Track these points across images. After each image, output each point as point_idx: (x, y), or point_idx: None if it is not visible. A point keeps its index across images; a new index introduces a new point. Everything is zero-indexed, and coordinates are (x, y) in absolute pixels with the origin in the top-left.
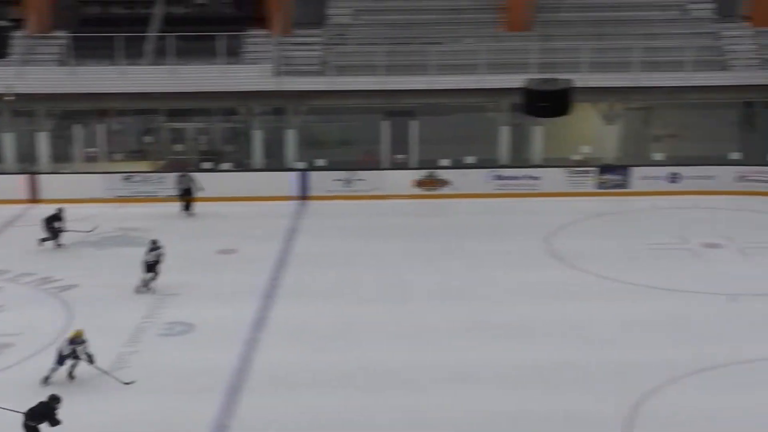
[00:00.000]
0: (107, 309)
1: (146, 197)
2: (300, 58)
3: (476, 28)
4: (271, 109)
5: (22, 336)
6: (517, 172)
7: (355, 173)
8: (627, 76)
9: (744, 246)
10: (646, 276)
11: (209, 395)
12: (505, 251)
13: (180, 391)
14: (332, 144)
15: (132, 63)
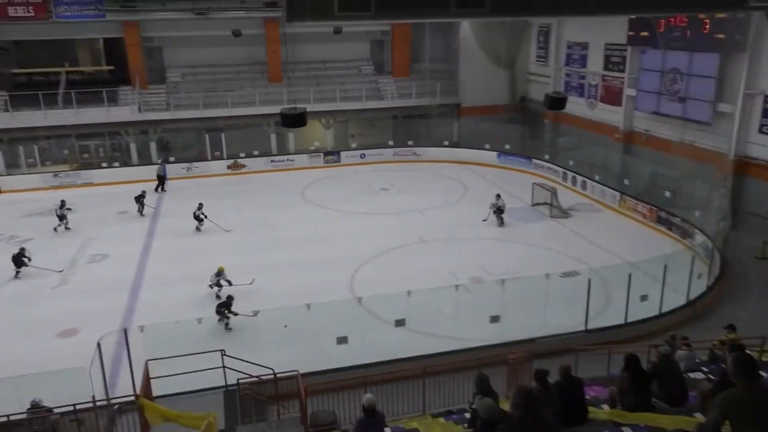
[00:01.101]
0: (55, 248)
1: (69, 185)
2: (153, 101)
3: (252, 80)
4: (139, 131)
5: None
6: (282, 158)
7: (193, 164)
8: (333, 104)
9: (401, 189)
10: (355, 207)
11: (121, 292)
12: (278, 201)
13: (103, 291)
14: (178, 148)
15: (50, 108)
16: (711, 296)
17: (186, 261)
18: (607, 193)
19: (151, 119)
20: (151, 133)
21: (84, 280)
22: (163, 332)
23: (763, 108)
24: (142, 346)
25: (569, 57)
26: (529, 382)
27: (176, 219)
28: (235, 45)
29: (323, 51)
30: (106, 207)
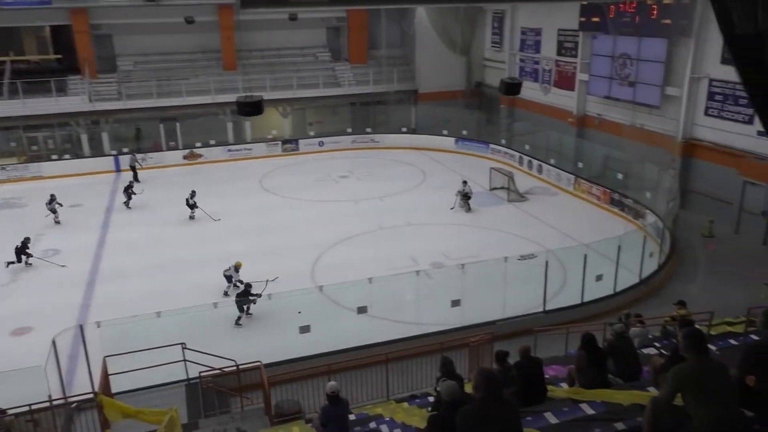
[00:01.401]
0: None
1: (17, 179)
2: (104, 91)
3: (206, 68)
4: (90, 121)
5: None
6: (239, 147)
7: (147, 154)
8: (290, 92)
9: (360, 176)
10: (314, 195)
11: (76, 288)
12: (238, 188)
13: (57, 287)
14: (132, 138)
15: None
16: (662, 274)
17: (143, 254)
18: (562, 177)
19: (102, 109)
20: (102, 123)
21: (36, 276)
22: (121, 327)
23: (708, 91)
24: (99, 342)
25: (523, 43)
26: (490, 364)
27: (131, 211)
28: (189, 32)
29: (278, 38)
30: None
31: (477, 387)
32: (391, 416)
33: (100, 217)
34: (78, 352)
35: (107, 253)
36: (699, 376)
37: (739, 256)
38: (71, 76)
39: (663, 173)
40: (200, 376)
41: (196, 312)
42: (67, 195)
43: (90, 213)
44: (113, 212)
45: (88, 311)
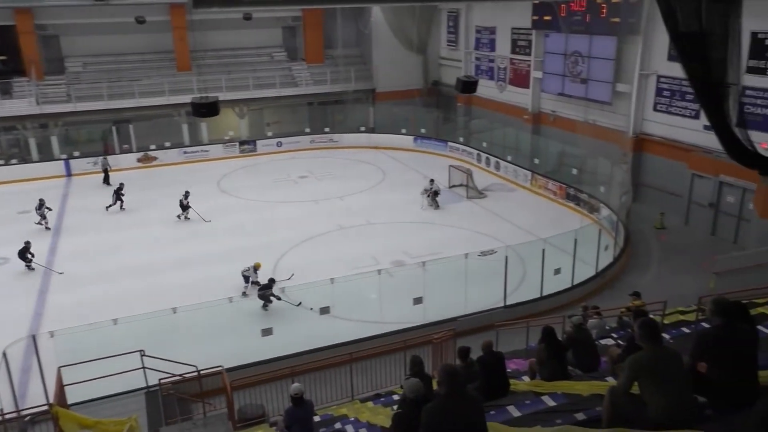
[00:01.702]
0: None
1: None
2: (52, 93)
3: (159, 69)
4: (38, 125)
5: None
6: (195, 148)
7: (99, 158)
8: (246, 92)
9: (320, 176)
10: (274, 196)
11: (27, 297)
12: (193, 192)
13: (7, 296)
14: (83, 141)
15: None
16: (617, 266)
17: (97, 260)
18: (519, 173)
19: (50, 112)
20: (51, 126)
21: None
22: (76, 336)
23: (656, 87)
24: (54, 352)
25: (478, 41)
26: (453, 361)
27: (84, 215)
28: (140, 32)
29: (233, 38)
30: (5, 207)
31: (440, 383)
32: (356, 416)
33: (51, 223)
34: (31, 363)
35: (59, 260)
36: (654, 364)
37: (689, 246)
38: (17, 78)
39: (616, 168)
40: (160, 384)
41: (155, 318)
42: (15, 202)
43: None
44: (65, 218)
45: (40, 320)
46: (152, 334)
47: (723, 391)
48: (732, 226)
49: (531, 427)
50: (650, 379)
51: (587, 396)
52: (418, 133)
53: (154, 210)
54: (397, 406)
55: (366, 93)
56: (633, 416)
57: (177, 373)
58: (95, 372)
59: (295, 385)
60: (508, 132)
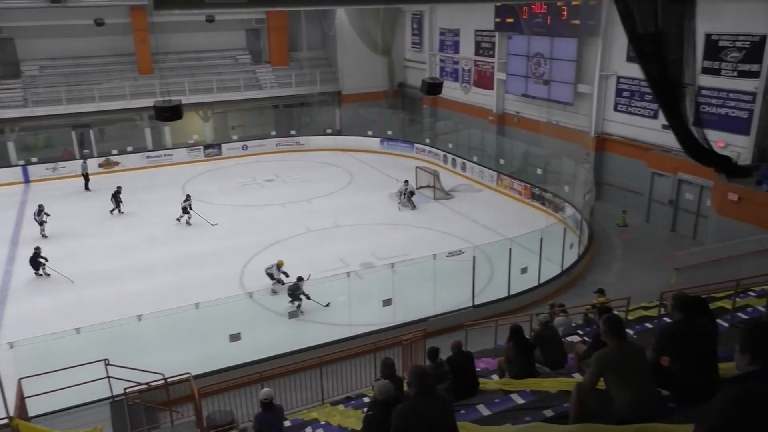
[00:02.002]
0: None
1: None
2: (7, 98)
3: (120, 72)
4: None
5: None
6: (159, 153)
7: (59, 164)
8: (210, 95)
9: (286, 180)
10: (240, 200)
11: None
12: (156, 198)
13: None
14: (41, 147)
15: None
16: (582, 264)
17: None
18: (485, 174)
19: (6, 117)
20: (7, 132)
21: None
22: (37, 347)
23: (616, 88)
24: (13, 363)
25: (443, 43)
26: (423, 361)
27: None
28: (100, 35)
29: (196, 40)
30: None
31: (410, 384)
32: (327, 420)
33: (9, 232)
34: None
35: (18, 270)
36: (619, 359)
37: (651, 243)
38: None
39: (579, 167)
40: (126, 393)
41: (119, 326)
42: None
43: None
44: (23, 223)
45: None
46: (117, 342)
47: (684, 384)
48: (691, 222)
49: (500, 425)
50: (615, 374)
51: (555, 393)
52: (385, 135)
53: (115, 217)
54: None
55: (332, 95)
56: (599, 411)
57: (143, 382)
58: (58, 383)
59: (264, 390)
60: (474, 133)
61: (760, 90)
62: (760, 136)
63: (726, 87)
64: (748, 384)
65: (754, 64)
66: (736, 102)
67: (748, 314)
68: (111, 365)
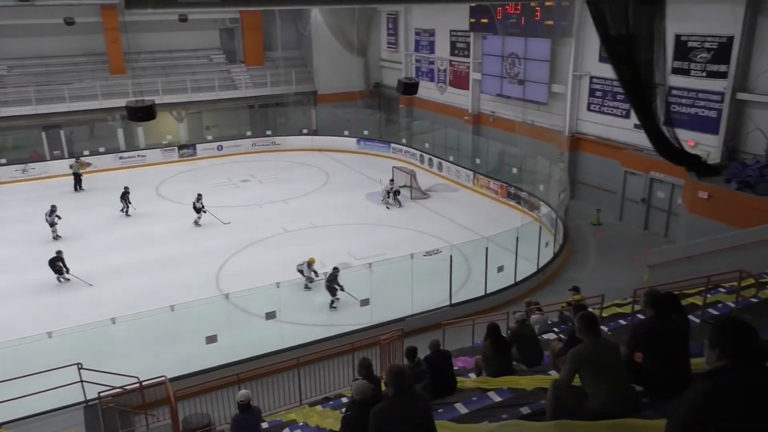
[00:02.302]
0: None
1: None
2: None
3: (92, 72)
4: None
5: None
6: (131, 154)
7: (28, 165)
8: (184, 95)
9: (262, 180)
10: (215, 201)
11: None
12: (132, 197)
13: None
14: (9, 148)
15: None
16: (557, 262)
17: (26, 271)
18: (461, 173)
19: None
20: None
21: None
22: (8, 351)
23: (589, 88)
24: None
25: (418, 43)
26: (401, 361)
27: (11, 225)
28: (70, 34)
29: (169, 40)
30: None
31: (387, 384)
32: (305, 421)
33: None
34: None
35: None
36: (593, 356)
37: (624, 241)
38: None
39: (553, 166)
40: (100, 397)
41: (93, 330)
42: None
43: None
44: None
45: None
46: (90, 346)
47: (657, 379)
48: (663, 220)
49: (478, 423)
50: (590, 371)
51: (531, 390)
52: (361, 135)
53: (88, 217)
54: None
55: (307, 95)
56: (575, 408)
57: (118, 386)
58: (29, 388)
59: (241, 392)
60: (450, 133)
61: (728, 90)
62: (729, 136)
63: (695, 87)
64: (717, 379)
65: (722, 65)
66: (706, 102)
67: (719, 310)
68: (84, 369)
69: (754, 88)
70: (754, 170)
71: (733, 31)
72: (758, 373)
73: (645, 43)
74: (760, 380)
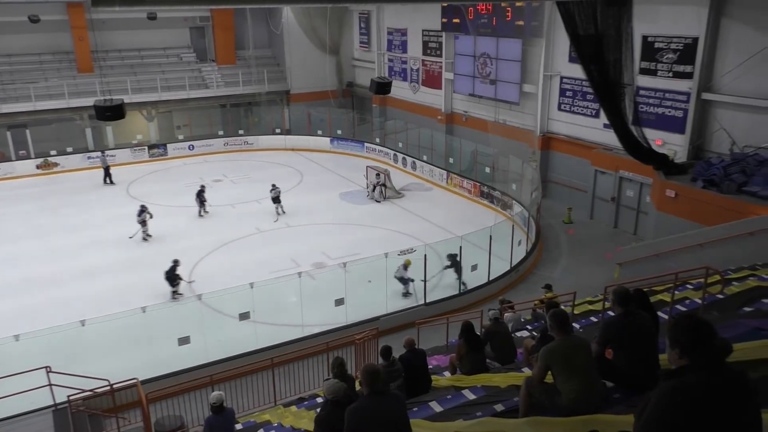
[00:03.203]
0: None
1: None
2: None
3: (58, 71)
4: None
5: None
6: (100, 153)
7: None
8: (154, 94)
9: (235, 180)
10: (187, 201)
11: None
12: (98, 199)
13: None
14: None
15: None
16: (530, 260)
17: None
18: (435, 172)
19: None
20: None
21: None
22: None
23: (560, 88)
24: None
25: (390, 43)
26: (377, 360)
27: None
28: (35, 32)
29: (138, 38)
30: None
31: (362, 383)
32: (280, 421)
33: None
34: None
35: None
36: (565, 353)
37: (595, 239)
38: None
39: (526, 165)
40: (69, 401)
41: (61, 332)
42: None
43: None
44: None
45: None
46: (59, 349)
47: (628, 375)
48: (632, 218)
49: (453, 421)
50: (562, 367)
51: (505, 387)
52: (335, 135)
53: (54, 219)
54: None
55: (280, 94)
56: (548, 404)
57: (88, 389)
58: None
59: (214, 393)
60: (423, 132)
61: (693, 90)
62: (695, 135)
63: (662, 87)
64: (680, 379)
65: (687, 65)
66: (672, 102)
67: (686, 306)
68: (53, 372)
69: (719, 88)
70: (719, 169)
71: (697, 32)
72: (718, 373)
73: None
74: (720, 380)
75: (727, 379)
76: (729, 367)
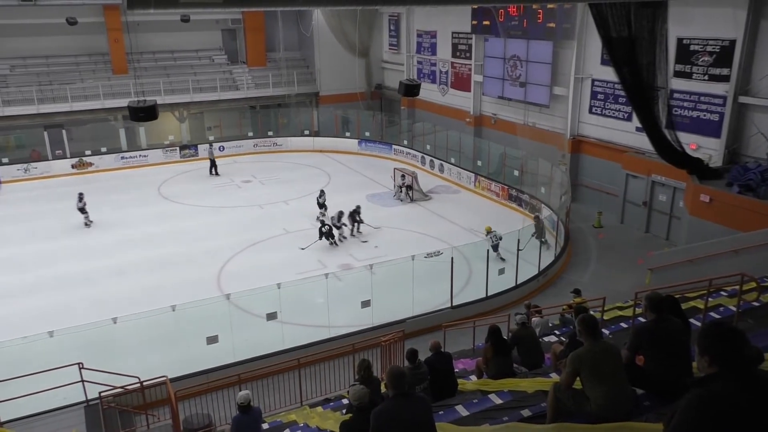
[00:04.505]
0: None
1: None
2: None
3: (94, 72)
4: None
5: None
6: (133, 154)
7: (30, 164)
8: (186, 96)
9: (264, 180)
10: (217, 201)
11: None
12: (134, 197)
13: None
14: (12, 148)
15: None
16: (558, 265)
17: (28, 270)
18: (463, 175)
19: None
20: None
21: None
22: (9, 350)
23: (591, 90)
24: None
25: (420, 45)
26: (402, 363)
27: (13, 225)
28: (72, 34)
29: (172, 40)
30: None
31: (388, 386)
32: (306, 422)
33: None
34: None
35: None
36: (594, 359)
37: (626, 244)
38: None
39: (555, 169)
40: (100, 397)
41: (94, 329)
42: None
43: None
44: None
45: None
46: (91, 345)
47: (659, 382)
48: (664, 223)
49: (479, 425)
50: (591, 373)
51: (532, 393)
52: (363, 137)
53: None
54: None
55: (309, 96)
56: (576, 411)
57: (118, 386)
58: (30, 387)
59: (242, 393)
60: (451, 135)
61: (730, 93)
62: (731, 139)
63: (697, 90)
64: (710, 386)
65: (724, 68)
66: (708, 105)
67: (720, 314)
68: (85, 369)
69: (756, 92)
70: (756, 174)
71: (735, 34)
72: (747, 381)
73: (647, 46)
74: (749, 388)
75: (756, 388)
76: (760, 376)
